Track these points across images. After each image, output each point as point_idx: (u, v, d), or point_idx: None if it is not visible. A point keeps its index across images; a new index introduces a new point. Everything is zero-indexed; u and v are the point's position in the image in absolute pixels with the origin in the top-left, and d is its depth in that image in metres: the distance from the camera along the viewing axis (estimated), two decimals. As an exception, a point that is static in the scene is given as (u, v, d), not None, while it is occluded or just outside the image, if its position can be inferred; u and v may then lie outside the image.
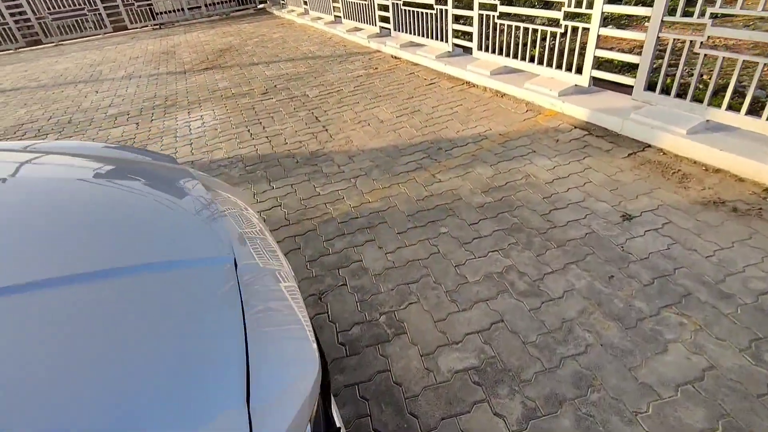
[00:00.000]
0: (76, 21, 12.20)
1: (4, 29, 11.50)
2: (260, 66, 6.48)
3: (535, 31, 3.92)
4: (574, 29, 3.51)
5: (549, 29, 3.76)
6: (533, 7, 5.16)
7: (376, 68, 5.54)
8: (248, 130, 4.14)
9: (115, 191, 1.06)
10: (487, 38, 4.52)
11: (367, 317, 1.90)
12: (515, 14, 4.22)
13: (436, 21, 5.16)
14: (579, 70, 3.60)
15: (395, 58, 5.90)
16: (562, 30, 3.60)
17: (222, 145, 3.90)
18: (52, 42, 11.98)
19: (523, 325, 1.76)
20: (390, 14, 6.10)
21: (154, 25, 12.83)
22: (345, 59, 6.17)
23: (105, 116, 5.10)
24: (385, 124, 3.88)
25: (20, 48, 11.74)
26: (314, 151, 3.56)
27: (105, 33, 12.49)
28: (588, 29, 3.39)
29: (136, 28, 12.73)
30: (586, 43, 3.45)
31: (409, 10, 5.64)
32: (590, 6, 3.30)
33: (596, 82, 3.59)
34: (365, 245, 2.35)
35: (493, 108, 3.88)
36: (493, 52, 4.46)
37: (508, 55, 4.27)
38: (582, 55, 3.52)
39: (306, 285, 2.13)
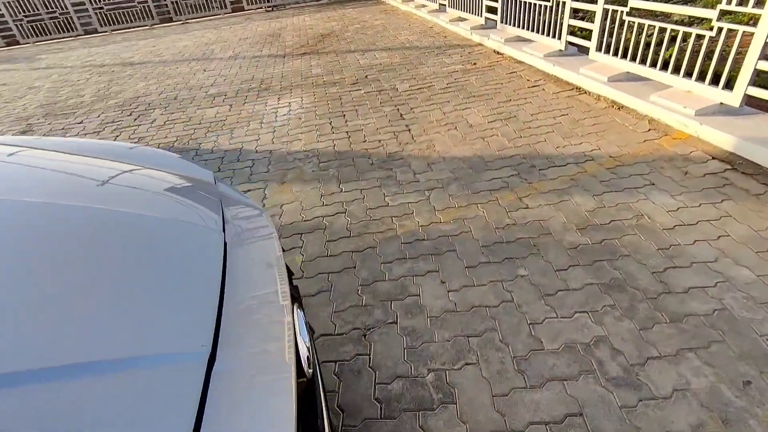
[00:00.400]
0: (203, 0, 13.22)
1: (143, 7, 12.85)
2: (356, 54, 6.36)
3: (673, 31, 3.21)
4: (730, 32, 2.78)
5: (694, 30, 3.04)
6: (675, 2, 4.31)
7: (475, 64, 5.09)
8: (330, 123, 4.01)
9: (122, 238, 0.87)
10: (610, 36, 3.85)
11: (413, 371, 1.62)
12: (649, 11, 3.51)
13: (550, 14, 4.56)
14: (728, 85, 2.86)
15: (498, 53, 5.38)
16: (713, 33, 2.87)
17: (302, 136, 3.82)
18: (180, 20, 13.13)
19: (609, 428, 1.35)
20: (498, 4, 5.56)
21: (268, 7, 13.44)
22: (443, 51, 5.79)
23: (205, 95, 5.35)
24: (474, 129, 3.49)
25: (155, 24, 13.06)
26: (392, 153, 3.31)
27: (225, 13, 13.39)
28: (751, 33, 2.65)
29: (252, 9, 13.45)
30: (744, 49, 2.71)
31: (520, 1, 5.07)
32: (760, 3, 2.56)
33: (750, 101, 2.83)
34: (426, 276, 2.06)
35: (605, 122, 3.29)
36: (615, 54, 3.78)
37: (633, 59, 3.58)
38: (737, 65, 2.78)
39: (352, 315, 1.90)
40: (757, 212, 2.16)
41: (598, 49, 3.98)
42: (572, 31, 4.43)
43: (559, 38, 4.48)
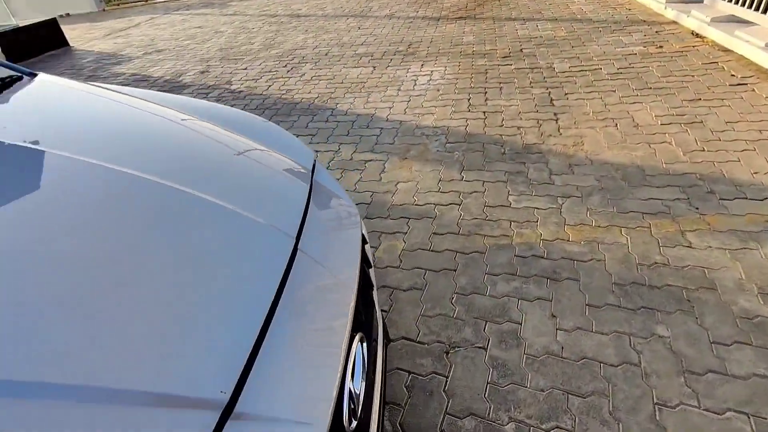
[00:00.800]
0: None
1: (319, -40, 13.51)
2: (515, 22, 5.75)
3: None
4: None
5: None
6: None
7: (661, 47, 4.17)
8: (468, 99, 3.71)
9: (174, 231, 0.78)
10: None
11: (492, 414, 1.41)
12: None
13: (791, -11, 3.42)
14: None
15: (696, 35, 4.31)
16: None
17: (436, 110, 3.61)
18: (350, -26, 13.52)
19: None
20: (713, -28, 4.40)
21: (435, -36, 12.99)
22: (621, 28, 4.87)
23: (353, 54, 5.42)
24: (641, 130, 2.87)
25: (326, -22, 13.69)
26: (529, 144, 2.91)
27: (391, -31, 13.36)
28: None
29: (418, -34, 13.14)
30: None
31: (747, -31, 3.91)
32: None
33: None
34: (535, 304, 1.76)
35: (843, 149, 2.39)
36: None
37: None
38: None
39: (439, 324, 1.73)
40: None
41: None
42: (821, 15, 3.28)
43: (797, 23, 3.36)
